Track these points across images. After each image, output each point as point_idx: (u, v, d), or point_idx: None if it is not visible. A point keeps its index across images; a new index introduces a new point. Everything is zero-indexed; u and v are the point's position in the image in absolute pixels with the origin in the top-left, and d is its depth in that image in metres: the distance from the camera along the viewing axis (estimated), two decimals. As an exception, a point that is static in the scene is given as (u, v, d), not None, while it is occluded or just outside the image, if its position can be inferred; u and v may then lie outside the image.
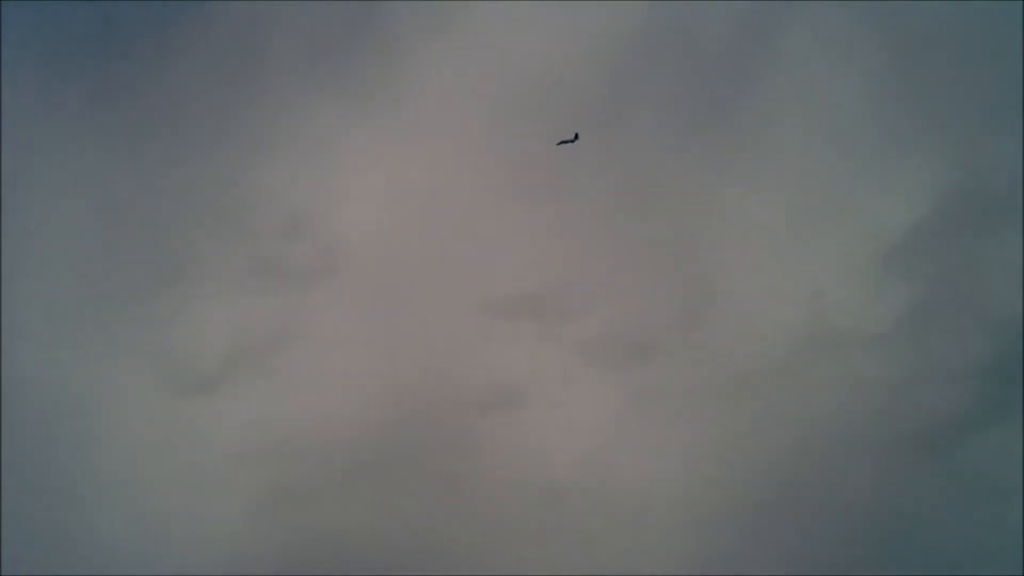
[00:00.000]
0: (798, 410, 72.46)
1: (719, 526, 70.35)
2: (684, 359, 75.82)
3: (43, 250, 78.58)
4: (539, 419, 75.36)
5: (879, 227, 76.13)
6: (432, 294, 79.08)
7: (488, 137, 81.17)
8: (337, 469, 74.46)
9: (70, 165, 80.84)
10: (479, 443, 74.15)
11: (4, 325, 74.93)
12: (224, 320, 78.61)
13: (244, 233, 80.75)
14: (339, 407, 76.11)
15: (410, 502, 73.05)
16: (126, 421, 75.90)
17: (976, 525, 67.51)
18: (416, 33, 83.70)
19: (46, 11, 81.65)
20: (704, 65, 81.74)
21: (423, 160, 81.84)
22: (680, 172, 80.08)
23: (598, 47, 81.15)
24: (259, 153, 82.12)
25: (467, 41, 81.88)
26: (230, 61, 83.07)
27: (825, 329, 74.59)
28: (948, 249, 75.17)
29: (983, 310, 72.97)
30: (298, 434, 75.35)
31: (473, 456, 73.67)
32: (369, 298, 79.66)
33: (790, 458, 71.21)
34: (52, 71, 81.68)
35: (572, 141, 72.75)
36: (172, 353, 77.80)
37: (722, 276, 77.03)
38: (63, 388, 75.18)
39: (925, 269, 74.76)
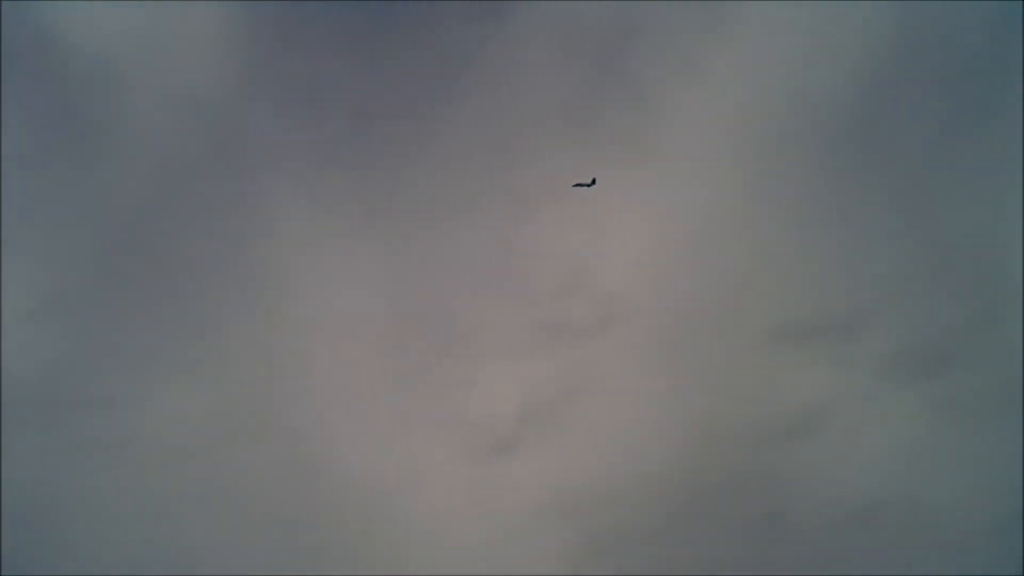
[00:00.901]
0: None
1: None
2: (986, 362, 73.30)
3: (341, 336, 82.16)
4: (843, 440, 74.23)
5: None
6: (717, 330, 79.28)
7: (744, 166, 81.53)
8: (646, 514, 74.75)
9: (352, 251, 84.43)
10: (788, 471, 73.33)
11: (317, 412, 78.44)
12: (513, 382, 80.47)
13: (524, 295, 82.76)
14: (638, 454, 76.66)
15: (727, 539, 72.60)
16: (432, 490, 77.77)
17: None
18: (663, 75, 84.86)
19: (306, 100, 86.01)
20: (963, 63, 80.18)
21: (685, 200, 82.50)
22: (950, 170, 78.32)
23: (851, 59, 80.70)
24: (526, 215, 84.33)
25: (716, 73, 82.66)
26: (486, 127, 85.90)
27: None
28: None
29: None
30: (601, 484, 76.06)
31: (784, 485, 72.86)
32: (654, 343, 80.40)
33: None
34: (315, 157, 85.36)
35: (589, 185, 74.04)
36: (468, 419, 79.94)
37: (1013, 269, 74.39)
38: (373, 467, 77.69)
39: None
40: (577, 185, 75.43)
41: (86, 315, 76.68)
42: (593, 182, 75.42)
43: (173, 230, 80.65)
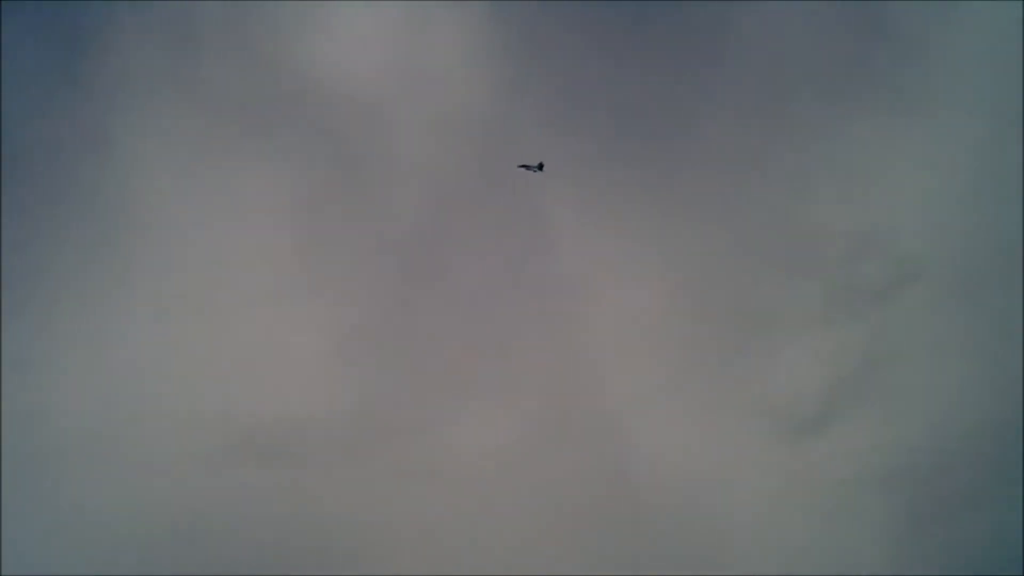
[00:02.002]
0: None
1: None
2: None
3: (633, 332, 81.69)
4: None
5: None
6: (1013, 274, 75.19)
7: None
8: (974, 478, 71.64)
9: (632, 247, 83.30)
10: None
11: (620, 412, 78.55)
12: (815, 356, 78.38)
13: (812, 266, 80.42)
14: (957, 414, 73.46)
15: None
16: (744, 479, 76.40)
17: None
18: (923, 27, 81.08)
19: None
20: None
21: (960, 148, 78.52)
22: None
23: None
24: (802, 184, 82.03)
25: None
26: (751, 100, 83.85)
27: None
28: None
29: None
30: (922, 451, 73.30)
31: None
32: (955, 297, 76.83)
33: None
34: (585, 158, 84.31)
35: (536, 169, 71.02)
36: (772, 401, 78.32)
37: None
38: (682, 461, 76.54)
39: None
40: (522, 167, 72.66)
41: (387, 347, 79.14)
42: (540, 167, 72.61)
43: (456, 252, 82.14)
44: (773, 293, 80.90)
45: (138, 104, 79.23)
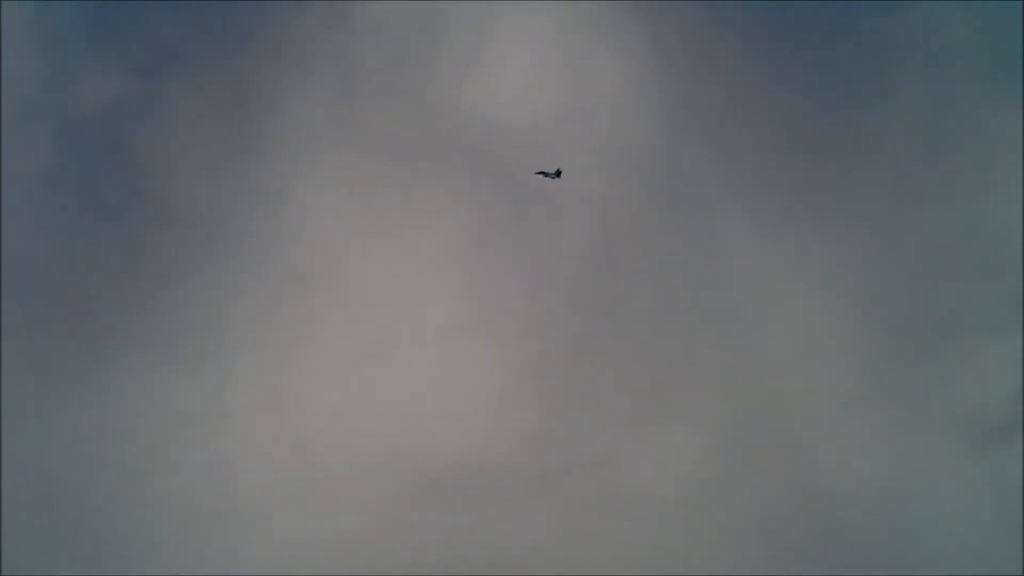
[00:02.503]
0: None
1: None
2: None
3: (809, 346, 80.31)
4: None
5: None
6: None
7: None
8: None
9: (801, 258, 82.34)
10: None
11: (807, 430, 77.21)
12: (1002, 361, 75.99)
13: (994, 269, 78.24)
14: None
15: None
16: (942, 485, 74.35)
17: None
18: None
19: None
20: None
21: None
22: None
23: None
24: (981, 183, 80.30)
25: None
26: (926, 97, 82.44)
27: None
28: None
29: None
30: None
31: None
32: None
33: None
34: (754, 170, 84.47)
35: (554, 176, 69.53)
36: (964, 408, 75.92)
37: None
38: (879, 476, 75.14)
39: None
40: (540, 174, 71.18)
41: (564, 380, 79.08)
42: (558, 173, 71.14)
43: (629, 282, 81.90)
44: (955, 299, 78.85)
45: (307, 159, 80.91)
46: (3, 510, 68.39)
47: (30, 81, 76.07)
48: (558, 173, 72.43)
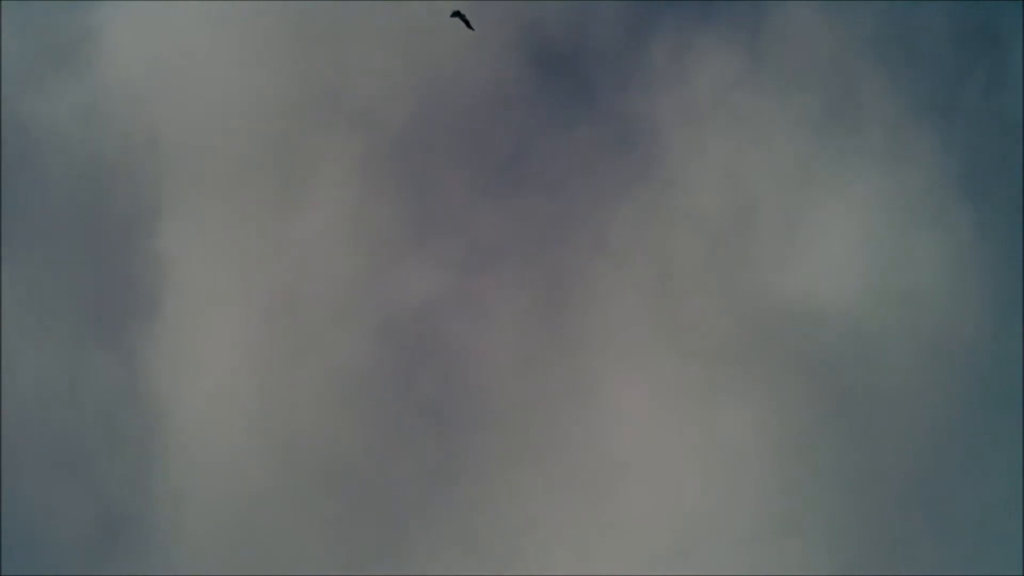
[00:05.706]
0: None
1: None
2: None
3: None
4: None
5: None
6: None
7: None
8: None
9: None
10: None
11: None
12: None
13: None
14: None
15: None
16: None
17: None
18: None
19: None
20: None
21: None
22: None
23: None
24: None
25: None
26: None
27: None
28: None
29: None
30: None
31: None
32: None
33: None
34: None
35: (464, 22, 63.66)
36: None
37: None
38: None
39: None
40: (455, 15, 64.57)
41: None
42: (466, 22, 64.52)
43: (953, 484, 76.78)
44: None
45: (621, 354, 79.73)
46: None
47: (353, 280, 78.75)
48: (466, 22, 65.22)
